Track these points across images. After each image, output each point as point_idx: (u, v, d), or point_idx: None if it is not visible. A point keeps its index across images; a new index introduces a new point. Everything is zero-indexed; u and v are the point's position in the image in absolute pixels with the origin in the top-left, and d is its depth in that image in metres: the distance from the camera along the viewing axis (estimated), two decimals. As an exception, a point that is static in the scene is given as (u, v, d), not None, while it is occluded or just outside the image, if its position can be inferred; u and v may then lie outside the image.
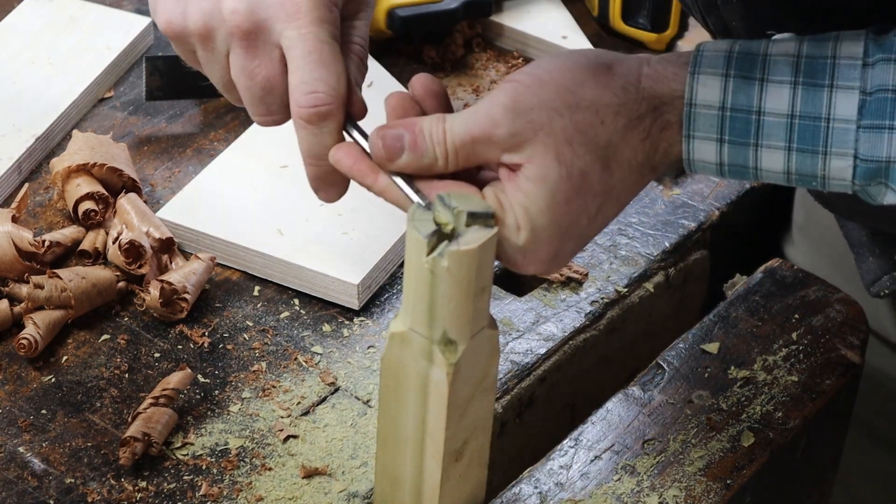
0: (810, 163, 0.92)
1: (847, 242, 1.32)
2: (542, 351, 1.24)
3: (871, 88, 0.90)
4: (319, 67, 0.99)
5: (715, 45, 0.95)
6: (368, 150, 1.00)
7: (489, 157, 0.96)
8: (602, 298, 1.29)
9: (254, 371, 1.20)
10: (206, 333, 1.23)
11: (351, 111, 1.02)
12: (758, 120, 0.92)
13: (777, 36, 0.96)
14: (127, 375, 1.19)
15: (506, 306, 1.28)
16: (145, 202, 1.32)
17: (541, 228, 0.95)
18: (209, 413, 1.17)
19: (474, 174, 0.99)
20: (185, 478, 1.12)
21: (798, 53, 0.92)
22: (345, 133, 1.02)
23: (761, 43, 0.94)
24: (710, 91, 0.93)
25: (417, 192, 0.97)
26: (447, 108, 1.01)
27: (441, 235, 0.93)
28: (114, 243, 1.26)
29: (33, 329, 1.19)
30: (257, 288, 1.28)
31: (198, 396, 1.18)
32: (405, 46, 1.54)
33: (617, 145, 0.95)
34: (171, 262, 1.27)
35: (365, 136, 1.01)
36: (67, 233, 1.29)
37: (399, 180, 0.98)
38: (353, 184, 1.05)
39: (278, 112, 1.03)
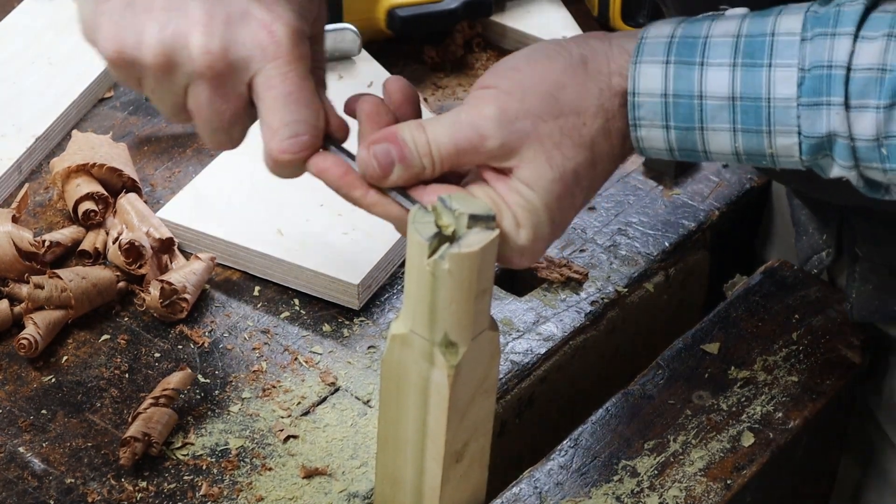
0: (756, 142, 0.93)
1: (792, 221, 1.33)
2: (542, 351, 1.24)
3: (809, 65, 0.91)
4: (301, 108, 0.97)
5: (658, 31, 0.96)
6: (355, 167, 0.98)
7: (474, 163, 0.97)
8: (602, 298, 1.29)
9: (254, 371, 1.20)
10: (206, 333, 1.23)
11: (332, 134, 1.00)
12: (700, 104, 0.93)
13: (729, 11, 0.96)
14: (127, 375, 1.19)
15: (506, 306, 1.28)
16: (145, 202, 1.32)
17: (540, 226, 0.96)
18: (209, 413, 1.17)
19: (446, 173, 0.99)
20: (186, 478, 1.12)
21: (738, 33, 0.93)
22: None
23: (703, 23, 0.95)
24: (652, 80, 0.94)
25: (413, 201, 0.96)
26: (417, 111, 1.01)
27: (442, 238, 0.93)
28: (114, 243, 1.26)
29: (33, 329, 1.19)
30: (257, 288, 1.28)
31: (198, 396, 1.18)
32: (405, 46, 1.54)
33: (599, 143, 0.96)
34: (171, 262, 1.27)
35: (344, 150, 0.99)
36: (67, 233, 1.29)
37: (395, 194, 0.97)
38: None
39: (239, 140, 1.01)
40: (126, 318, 1.24)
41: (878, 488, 1.32)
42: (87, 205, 1.29)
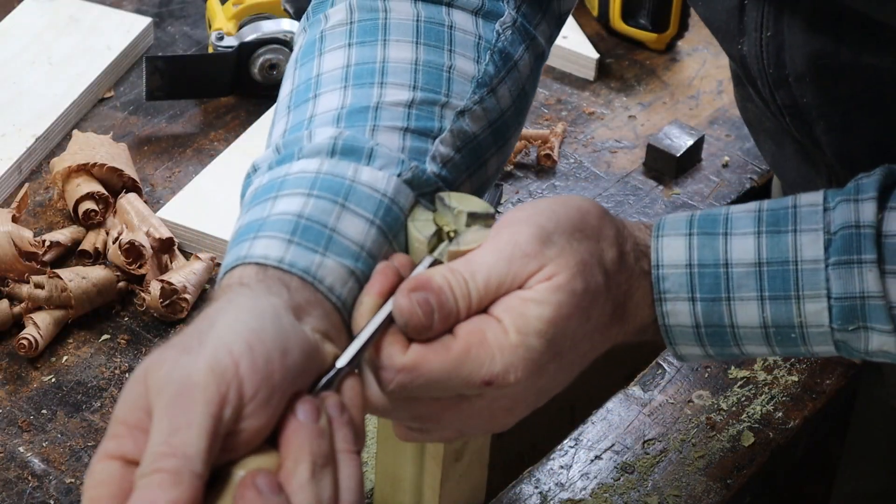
0: (784, 310, 0.90)
1: None
2: (543, 351, 1.24)
3: (835, 228, 0.89)
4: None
5: (675, 215, 0.93)
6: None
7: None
8: (602, 298, 1.29)
9: (254, 371, 1.20)
10: (207, 333, 1.23)
11: None
12: (726, 272, 0.90)
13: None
14: (127, 375, 1.19)
15: (506, 306, 1.27)
16: (145, 202, 1.32)
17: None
18: (209, 413, 1.17)
19: None
20: (186, 478, 1.12)
21: (759, 208, 0.91)
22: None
23: (721, 209, 0.93)
24: (675, 251, 0.91)
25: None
26: None
27: (441, 236, 0.93)
28: (114, 243, 1.26)
29: (33, 329, 1.19)
30: (257, 288, 1.28)
31: (198, 396, 1.18)
32: (405, 46, 1.54)
33: (601, 290, 0.90)
34: (171, 262, 1.27)
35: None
36: (67, 233, 1.29)
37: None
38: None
39: None
40: (126, 318, 1.24)
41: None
42: (88, 205, 1.29)
